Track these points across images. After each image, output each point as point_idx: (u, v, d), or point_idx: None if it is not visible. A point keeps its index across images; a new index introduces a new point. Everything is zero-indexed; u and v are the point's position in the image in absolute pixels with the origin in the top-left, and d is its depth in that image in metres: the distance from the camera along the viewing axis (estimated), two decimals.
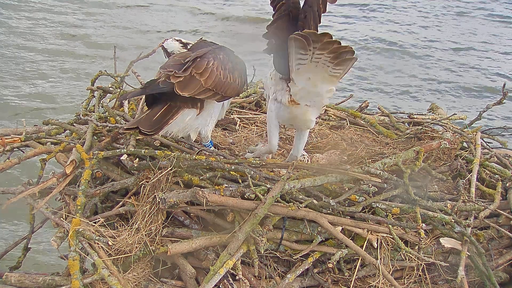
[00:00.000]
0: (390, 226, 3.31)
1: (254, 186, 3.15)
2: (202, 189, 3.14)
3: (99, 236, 3.14)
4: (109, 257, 3.12)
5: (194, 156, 3.30)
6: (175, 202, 3.14)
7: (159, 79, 3.16)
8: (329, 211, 3.28)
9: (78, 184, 3.54)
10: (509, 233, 3.75)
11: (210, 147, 3.60)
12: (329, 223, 3.24)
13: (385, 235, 3.36)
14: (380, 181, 3.45)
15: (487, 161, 4.16)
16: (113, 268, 3.08)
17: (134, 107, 4.30)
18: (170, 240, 3.26)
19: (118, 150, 3.49)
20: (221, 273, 3.06)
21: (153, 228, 3.23)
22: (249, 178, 3.16)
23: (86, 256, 3.12)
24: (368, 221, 3.33)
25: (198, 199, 3.08)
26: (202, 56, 3.27)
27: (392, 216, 3.37)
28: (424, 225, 3.30)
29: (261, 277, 3.34)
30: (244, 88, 4.98)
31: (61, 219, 3.33)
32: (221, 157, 3.35)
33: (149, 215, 3.24)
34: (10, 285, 3.26)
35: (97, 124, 3.83)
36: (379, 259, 3.33)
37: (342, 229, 3.32)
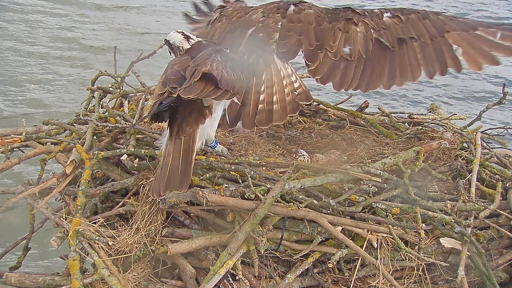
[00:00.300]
0: (390, 226, 3.31)
1: (254, 186, 3.15)
2: (202, 189, 3.14)
3: (99, 236, 3.15)
4: (109, 257, 3.12)
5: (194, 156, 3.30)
6: (175, 202, 3.14)
7: (162, 98, 2.98)
8: (329, 211, 3.28)
9: (78, 184, 3.54)
10: (509, 233, 3.75)
11: (215, 147, 3.58)
12: (329, 223, 3.24)
13: (385, 235, 3.36)
14: (380, 181, 3.46)
15: (487, 161, 4.16)
16: (113, 268, 3.09)
17: (134, 107, 4.30)
18: (170, 240, 3.26)
19: (118, 150, 3.50)
20: (221, 273, 3.06)
21: (153, 228, 3.23)
22: (249, 178, 3.16)
23: (86, 256, 3.13)
24: (368, 221, 3.33)
25: (198, 199, 3.08)
26: (201, 64, 3.13)
27: (392, 216, 3.37)
28: (424, 225, 3.30)
29: (261, 277, 3.34)
30: None
31: (61, 219, 3.33)
32: (221, 157, 3.35)
33: (149, 215, 3.24)
34: (10, 285, 3.26)
35: (97, 124, 3.83)
36: (379, 259, 3.33)
37: (342, 229, 3.32)
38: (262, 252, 3.21)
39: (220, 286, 3.15)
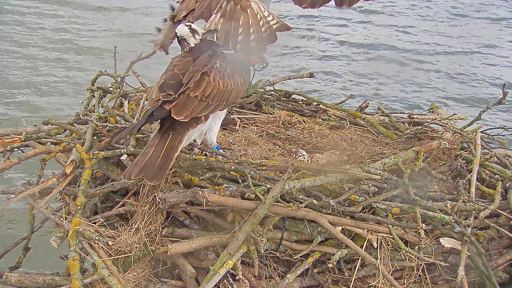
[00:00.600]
0: (390, 226, 3.31)
1: (254, 186, 3.15)
2: (202, 189, 3.14)
3: (99, 236, 3.15)
4: (109, 257, 3.12)
5: (194, 156, 3.30)
6: (175, 202, 3.14)
7: (155, 107, 3.03)
8: (329, 211, 3.28)
9: (78, 184, 3.54)
10: (509, 233, 3.75)
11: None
12: (329, 223, 3.24)
13: (385, 235, 3.36)
14: (380, 181, 3.45)
15: (487, 161, 4.16)
16: (113, 268, 3.08)
17: (134, 107, 4.30)
18: (170, 240, 3.26)
19: (118, 150, 3.49)
20: (221, 273, 3.06)
21: (153, 228, 3.23)
22: (249, 178, 3.16)
23: (86, 256, 3.13)
24: (368, 221, 3.33)
25: (198, 199, 3.08)
26: (198, 72, 3.16)
27: (392, 216, 3.37)
28: (424, 225, 3.30)
29: (261, 277, 3.34)
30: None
31: (61, 219, 3.33)
32: (221, 157, 3.35)
33: (148, 215, 3.24)
34: (10, 285, 3.26)
35: (97, 124, 3.83)
36: (379, 259, 3.33)
37: (342, 229, 3.32)
38: (262, 252, 3.21)
39: (220, 286, 3.15)
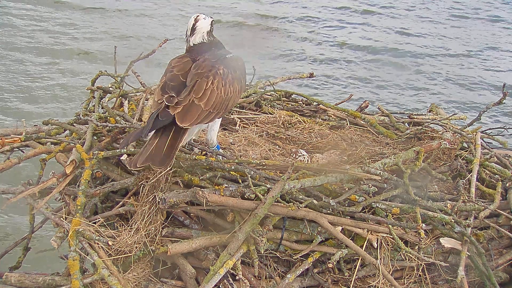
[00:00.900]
0: (390, 226, 3.31)
1: (254, 186, 3.15)
2: (202, 189, 3.14)
3: (99, 236, 3.15)
4: (109, 257, 3.12)
5: (194, 156, 3.30)
6: (175, 202, 3.14)
7: (159, 110, 3.06)
8: (329, 211, 3.28)
9: (78, 184, 3.54)
10: (509, 233, 3.75)
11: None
12: (329, 223, 3.24)
13: (385, 235, 3.36)
14: (380, 181, 3.45)
15: (487, 161, 4.16)
16: (113, 268, 3.08)
17: (134, 107, 4.30)
18: (170, 240, 3.26)
19: (118, 150, 3.49)
20: (221, 273, 3.07)
21: (153, 228, 3.23)
22: (249, 178, 3.16)
23: (86, 256, 3.13)
24: (368, 221, 3.33)
25: (198, 199, 3.08)
26: (202, 76, 3.19)
27: (392, 216, 3.37)
28: (424, 225, 3.30)
29: (261, 277, 3.34)
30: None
31: (61, 219, 3.33)
32: (221, 157, 3.35)
33: (148, 215, 3.24)
34: (10, 285, 3.26)
35: (97, 124, 3.83)
36: (379, 259, 3.33)
37: (342, 229, 3.32)
38: (262, 252, 3.21)
39: (220, 286, 3.16)
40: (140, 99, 4.29)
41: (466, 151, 4.30)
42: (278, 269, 3.39)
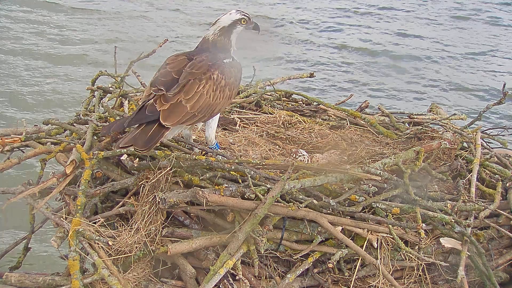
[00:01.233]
0: (390, 226, 3.31)
1: (254, 186, 3.15)
2: (202, 189, 3.14)
3: (99, 236, 3.14)
4: (109, 257, 3.12)
5: (194, 156, 3.30)
6: (175, 202, 3.14)
7: (147, 102, 3.13)
8: (329, 211, 3.28)
9: (78, 184, 3.54)
10: (509, 233, 3.75)
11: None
12: (329, 223, 3.24)
13: (385, 235, 3.36)
14: (380, 181, 3.45)
15: (487, 161, 4.16)
16: (113, 268, 3.08)
17: (134, 107, 4.30)
18: (170, 240, 3.26)
19: (118, 150, 3.49)
20: (221, 273, 3.07)
21: (153, 228, 3.23)
22: (249, 178, 3.16)
23: (86, 256, 3.12)
24: (368, 221, 3.33)
25: (198, 199, 3.08)
26: (196, 77, 3.22)
27: (392, 216, 3.37)
28: (424, 225, 3.30)
29: (261, 277, 3.34)
30: (245, 87, 5.00)
31: (61, 219, 3.33)
32: (221, 157, 3.35)
33: (149, 215, 3.24)
34: (10, 285, 3.26)
35: (97, 124, 3.83)
36: (379, 259, 3.33)
37: (342, 229, 3.32)
38: (262, 252, 3.21)
39: (220, 286, 3.16)
40: (140, 99, 4.29)
41: (466, 151, 4.30)
42: (278, 269, 3.39)
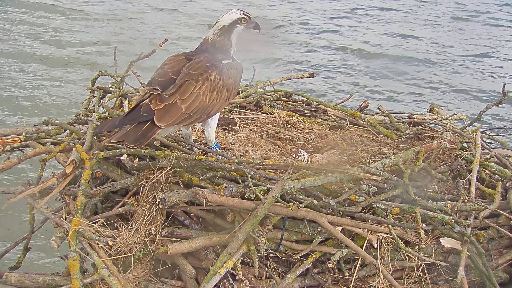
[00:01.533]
0: (390, 226, 3.31)
1: (254, 186, 3.15)
2: (202, 189, 3.14)
3: (99, 236, 3.14)
4: (109, 257, 3.12)
5: (194, 156, 3.30)
6: (175, 202, 3.14)
7: (141, 102, 3.14)
8: (329, 211, 3.28)
9: (78, 184, 3.54)
10: (509, 233, 3.75)
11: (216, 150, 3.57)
12: (329, 223, 3.24)
13: (385, 235, 3.36)
14: (380, 181, 3.45)
15: (487, 161, 4.17)
16: (113, 268, 3.08)
17: None
18: (170, 240, 3.26)
19: (118, 150, 3.48)
20: (221, 273, 3.06)
21: (153, 228, 3.23)
22: (249, 178, 3.16)
23: (86, 256, 3.12)
24: (368, 221, 3.33)
25: (198, 199, 3.08)
26: (192, 78, 3.21)
27: (392, 216, 3.37)
28: (424, 225, 3.30)
29: (261, 277, 3.34)
30: (245, 87, 5.00)
31: (61, 219, 3.33)
32: (221, 157, 3.35)
33: (149, 215, 3.24)
34: (10, 285, 3.26)
35: (97, 124, 3.83)
36: (379, 259, 3.33)
37: (342, 229, 3.32)
38: (262, 252, 3.21)
39: (220, 286, 3.15)
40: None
41: (466, 151, 4.30)
42: (278, 269, 3.39)
